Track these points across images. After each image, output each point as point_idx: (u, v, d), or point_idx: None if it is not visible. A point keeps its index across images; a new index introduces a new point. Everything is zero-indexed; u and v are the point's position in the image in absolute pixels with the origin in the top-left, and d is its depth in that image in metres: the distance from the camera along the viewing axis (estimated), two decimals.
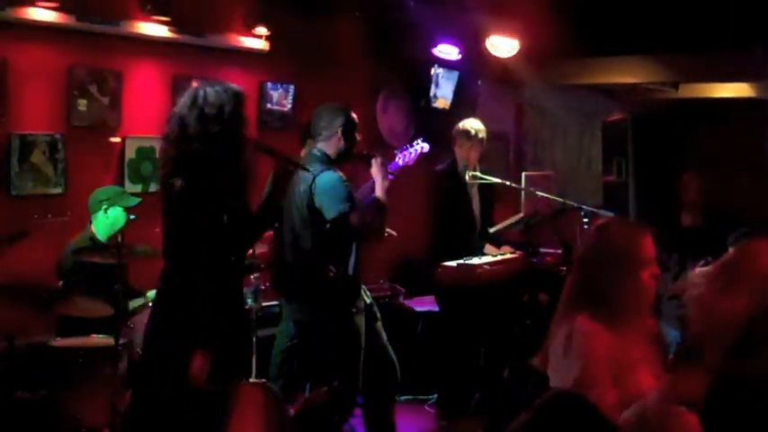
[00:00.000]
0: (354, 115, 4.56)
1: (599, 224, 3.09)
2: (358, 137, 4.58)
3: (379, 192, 4.48)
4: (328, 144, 4.47)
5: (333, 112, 4.52)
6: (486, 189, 5.91)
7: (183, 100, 3.53)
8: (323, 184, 4.28)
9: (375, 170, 4.53)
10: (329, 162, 4.43)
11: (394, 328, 6.16)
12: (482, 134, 5.78)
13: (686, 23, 6.75)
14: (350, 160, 4.57)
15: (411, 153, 5.02)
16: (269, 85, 6.72)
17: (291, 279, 4.52)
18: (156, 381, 3.53)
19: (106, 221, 5.03)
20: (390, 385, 4.78)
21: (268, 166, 3.80)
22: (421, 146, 5.07)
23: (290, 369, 5.82)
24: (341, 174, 4.38)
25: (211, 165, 3.43)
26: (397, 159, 4.95)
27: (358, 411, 4.94)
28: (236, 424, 3.77)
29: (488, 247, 5.78)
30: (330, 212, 4.26)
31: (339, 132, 4.45)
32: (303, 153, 5.43)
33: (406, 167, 5.00)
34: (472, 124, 5.81)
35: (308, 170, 4.13)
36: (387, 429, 4.79)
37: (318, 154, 4.45)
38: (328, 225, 4.30)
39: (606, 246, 2.88)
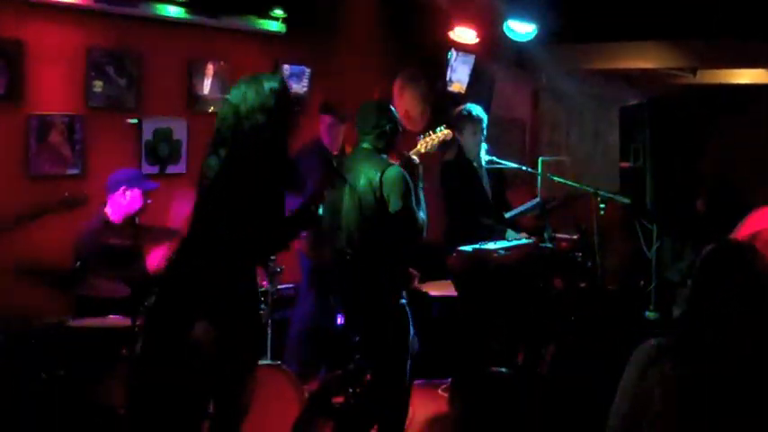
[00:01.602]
0: (395, 109, 4.84)
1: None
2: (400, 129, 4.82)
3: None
4: (377, 139, 4.69)
5: (378, 108, 4.78)
6: (496, 173, 5.89)
7: (235, 92, 3.65)
8: (391, 178, 4.53)
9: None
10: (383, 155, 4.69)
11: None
12: (484, 117, 5.77)
13: (705, 8, 6.70)
14: (389, 154, 4.77)
15: (434, 140, 4.97)
16: (285, 67, 6.71)
17: (354, 270, 4.58)
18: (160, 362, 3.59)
19: (123, 203, 5.04)
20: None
21: None
22: (444, 133, 5.03)
23: (305, 352, 5.87)
24: (403, 169, 4.62)
25: (254, 148, 3.53)
26: (419, 146, 4.92)
27: None
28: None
29: (510, 233, 5.74)
30: (395, 205, 4.50)
31: (388, 129, 4.69)
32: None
33: (428, 154, 4.98)
34: (476, 108, 5.78)
35: (346, 181, 4.48)
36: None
37: (370, 148, 4.69)
38: (392, 217, 4.53)
39: None
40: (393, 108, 4.82)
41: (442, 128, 5.06)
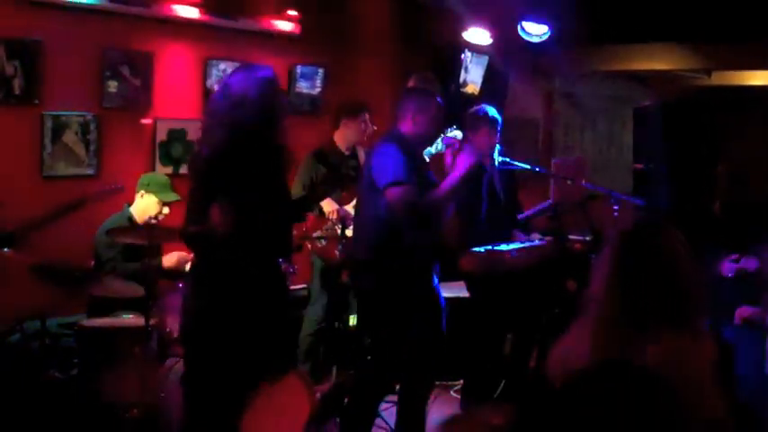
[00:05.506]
0: (436, 102, 4.45)
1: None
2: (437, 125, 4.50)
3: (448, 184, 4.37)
4: (402, 124, 4.42)
5: (410, 94, 4.58)
6: (509, 174, 5.87)
7: (218, 87, 3.68)
8: (377, 153, 4.30)
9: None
10: (400, 140, 4.35)
11: None
12: (499, 118, 5.74)
13: (720, 10, 6.68)
14: (428, 146, 4.52)
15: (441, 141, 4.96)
16: (299, 68, 6.72)
17: (356, 247, 4.52)
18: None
19: (139, 206, 5.08)
20: (428, 375, 4.74)
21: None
22: (454, 134, 5.01)
23: (317, 352, 5.87)
24: (398, 147, 4.28)
25: (237, 140, 3.52)
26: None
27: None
28: (262, 406, 3.81)
29: (519, 235, 5.72)
30: (379, 181, 4.24)
31: (410, 116, 4.40)
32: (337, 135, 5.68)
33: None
34: (489, 109, 5.76)
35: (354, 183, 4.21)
36: (417, 419, 4.74)
37: (393, 131, 4.43)
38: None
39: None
40: (431, 100, 4.47)
41: (453, 128, 5.04)
